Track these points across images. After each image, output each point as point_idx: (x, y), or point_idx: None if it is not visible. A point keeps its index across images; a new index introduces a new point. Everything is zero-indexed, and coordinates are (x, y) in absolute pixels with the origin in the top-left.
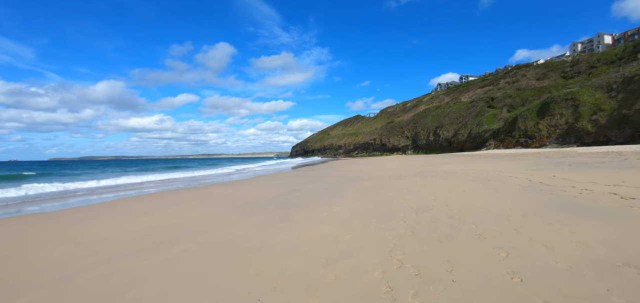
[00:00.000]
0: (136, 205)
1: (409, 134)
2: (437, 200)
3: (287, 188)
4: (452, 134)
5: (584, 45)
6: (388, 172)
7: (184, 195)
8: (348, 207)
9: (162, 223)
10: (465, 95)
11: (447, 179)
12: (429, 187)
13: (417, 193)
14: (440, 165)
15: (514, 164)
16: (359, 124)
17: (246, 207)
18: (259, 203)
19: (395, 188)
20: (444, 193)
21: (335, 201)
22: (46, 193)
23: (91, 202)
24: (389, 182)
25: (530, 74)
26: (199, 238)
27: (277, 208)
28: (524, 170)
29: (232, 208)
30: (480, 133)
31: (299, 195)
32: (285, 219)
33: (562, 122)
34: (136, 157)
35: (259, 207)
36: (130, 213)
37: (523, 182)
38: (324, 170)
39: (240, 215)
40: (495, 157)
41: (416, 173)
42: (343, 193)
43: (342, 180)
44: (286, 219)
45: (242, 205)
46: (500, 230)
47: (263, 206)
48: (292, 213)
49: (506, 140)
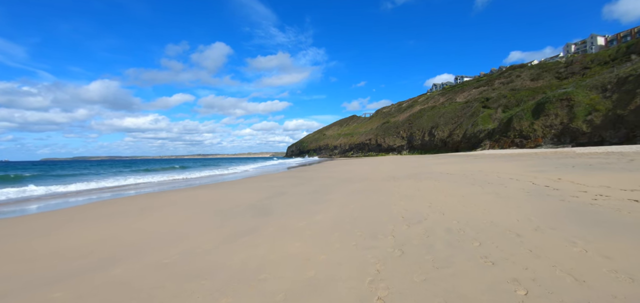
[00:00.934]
0: (100, 211)
1: (405, 134)
2: (433, 207)
3: (273, 191)
4: (447, 134)
5: (577, 46)
6: (381, 173)
7: (160, 200)
8: (331, 215)
9: (117, 234)
10: (460, 95)
11: (443, 181)
12: (423, 190)
13: (410, 198)
14: (435, 165)
15: (512, 165)
16: (354, 124)
17: (221, 214)
18: (236, 210)
19: (387, 192)
20: (440, 198)
21: (319, 207)
22: (9, 199)
23: (50, 207)
24: (381, 185)
25: (524, 75)
26: (146, 257)
27: (254, 215)
28: (525, 172)
29: (205, 215)
30: (476, 133)
31: (282, 200)
32: (255, 230)
33: (557, 123)
34: (130, 157)
35: (234, 215)
36: (84, 221)
37: (526, 185)
38: (316, 171)
39: (209, 224)
40: (491, 157)
41: (410, 175)
42: (330, 197)
43: (332, 182)
44: (257, 230)
45: (217, 212)
46: (511, 250)
47: (239, 213)
48: (267, 223)
49: (501, 141)
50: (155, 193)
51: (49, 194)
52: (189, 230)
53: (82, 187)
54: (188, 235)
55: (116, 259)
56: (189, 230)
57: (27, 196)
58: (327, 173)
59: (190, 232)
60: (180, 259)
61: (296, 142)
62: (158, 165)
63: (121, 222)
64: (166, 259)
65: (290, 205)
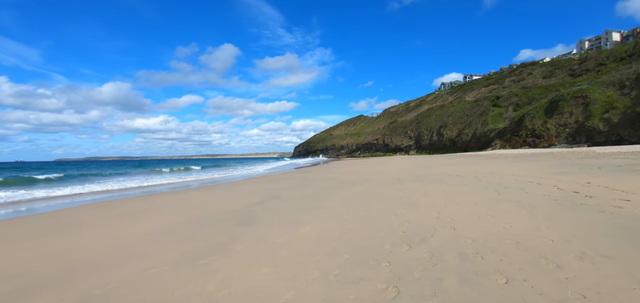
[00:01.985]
0: (62, 220)
1: (412, 133)
2: (441, 219)
3: (267, 195)
4: (456, 134)
5: (591, 42)
6: (386, 174)
7: (141, 204)
8: (320, 228)
9: (62, 251)
10: (469, 94)
11: (453, 185)
12: (430, 195)
13: (415, 206)
14: (444, 166)
15: (529, 166)
16: (361, 124)
17: (198, 223)
18: (217, 218)
19: (389, 198)
20: (450, 206)
21: (309, 216)
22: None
23: (20, 213)
24: (385, 188)
25: (536, 72)
26: (73, 286)
27: (234, 224)
28: (545, 174)
29: (179, 224)
30: (486, 132)
31: (273, 206)
32: (224, 248)
33: (572, 121)
34: (140, 158)
35: (212, 223)
36: (31, 232)
37: (551, 190)
38: (320, 172)
39: (179, 236)
40: (504, 157)
41: (417, 177)
42: (325, 203)
43: (333, 185)
44: (225, 248)
45: (195, 220)
46: (554, 293)
47: (219, 221)
48: (243, 236)
49: (513, 140)
50: (142, 196)
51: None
52: (150, 244)
53: (75, 190)
54: (145, 252)
55: (27, 289)
56: (151, 244)
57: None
58: (330, 174)
59: (150, 247)
60: (115, 289)
61: (303, 142)
62: (166, 165)
63: (73, 236)
64: (98, 289)
65: (278, 213)
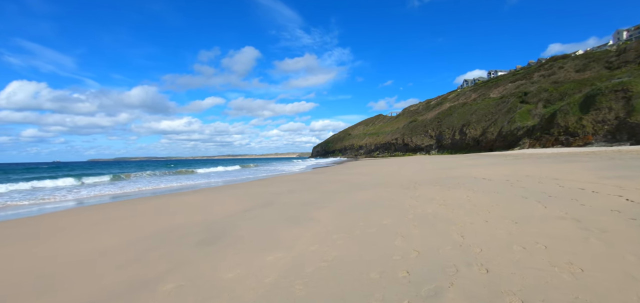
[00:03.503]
0: (24, 230)
1: (433, 133)
2: (466, 248)
3: (259, 201)
4: (480, 133)
5: (631, 32)
6: (402, 176)
7: (118, 211)
8: (293, 255)
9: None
10: (494, 90)
11: (480, 192)
12: (451, 206)
13: (429, 223)
14: (468, 167)
15: (571, 168)
16: (380, 124)
17: (151, 241)
18: (179, 233)
19: (399, 208)
20: (478, 225)
21: (290, 234)
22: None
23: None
24: (396, 194)
25: (568, 66)
26: None
27: (189, 246)
28: (597, 179)
29: (133, 241)
30: (513, 131)
31: (256, 216)
32: (142, 289)
33: (611, 117)
34: (165, 158)
35: (168, 242)
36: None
37: (617, 202)
38: (331, 173)
39: (116, 259)
40: (537, 157)
41: (436, 180)
42: (318, 215)
43: (339, 189)
44: (144, 289)
45: (153, 235)
46: None
47: (176, 239)
48: (182, 267)
49: (543, 139)
50: (124, 202)
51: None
52: (80, 269)
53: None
54: (64, 282)
55: None
56: (82, 269)
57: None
58: (341, 176)
59: (76, 274)
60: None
61: (321, 143)
62: (184, 166)
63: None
64: None
65: (258, 226)
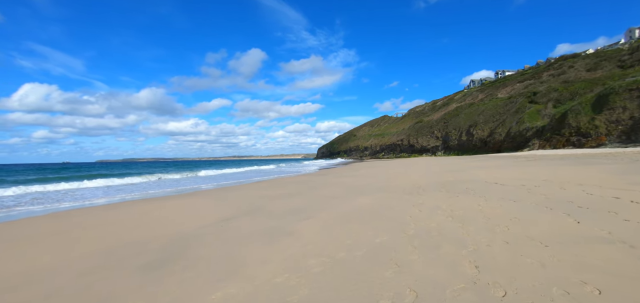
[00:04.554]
0: None
1: (439, 134)
2: (483, 286)
3: (243, 207)
4: (487, 133)
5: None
6: (405, 179)
7: (70, 221)
8: (255, 287)
9: None
10: (502, 90)
11: (493, 199)
12: (460, 219)
13: (434, 243)
14: (476, 170)
15: (592, 172)
16: (385, 125)
17: (89, 260)
18: (129, 251)
19: (398, 221)
20: (496, 248)
21: (261, 254)
22: None
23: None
24: (397, 201)
25: (578, 65)
26: None
27: (130, 271)
28: (630, 186)
29: (68, 261)
30: (522, 131)
31: (231, 228)
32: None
33: (626, 117)
34: (172, 159)
35: (108, 264)
36: None
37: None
38: (332, 175)
39: (25, 292)
40: (550, 159)
41: (442, 184)
42: (301, 228)
43: (335, 194)
44: None
45: (97, 253)
46: None
47: (120, 261)
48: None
49: (554, 140)
50: (93, 209)
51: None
52: None
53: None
54: None
55: None
56: None
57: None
58: (342, 178)
59: None
60: None
61: (327, 144)
62: (201, 167)
63: None
64: None
65: (224, 244)
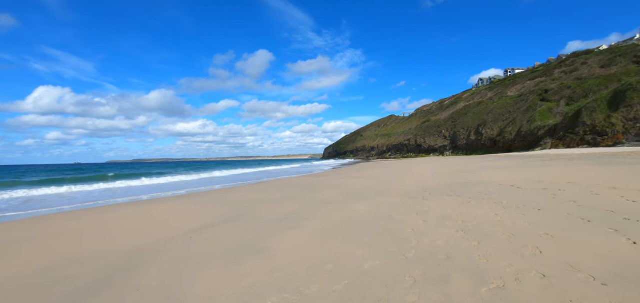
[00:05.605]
0: None
1: (447, 133)
2: None
3: (226, 213)
4: (497, 133)
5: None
6: (410, 182)
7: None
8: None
9: None
10: (511, 88)
11: (512, 206)
12: (474, 234)
13: (441, 274)
14: (487, 170)
15: (620, 173)
16: (392, 124)
17: (15, 281)
18: (66, 273)
19: (396, 235)
20: (531, 288)
21: (218, 282)
22: None
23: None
24: (399, 208)
25: (592, 61)
26: None
27: (69, 294)
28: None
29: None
30: (533, 130)
31: (203, 239)
32: None
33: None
34: (180, 160)
35: (33, 290)
36: None
37: None
38: (332, 177)
39: None
40: (567, 159)
41: (451, 187)
42: (281, 242)
43: (332, 198)
44: None
45: (31, 273)
46: None
47: (49, 284)
48: None
49: (567, 139)
50: (78, 211)
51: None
52: None
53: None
54: None
55: None
56: None
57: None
58: (343, 179)
59: None
60: None
61: (333, 144)
62: (193, 168)
63: None
64: None
65: (180, 265)
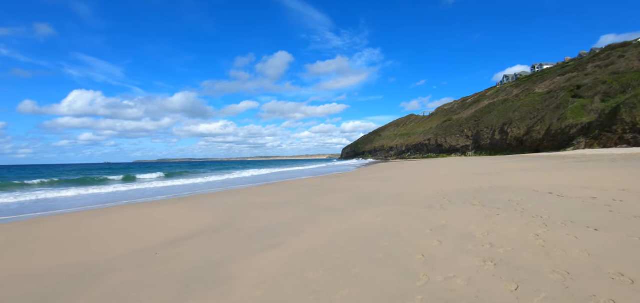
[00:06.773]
0: None
1: (470, 132)
2: None
3: (216, 220)
4: (524, 132)
5: None
6: (428, 186)
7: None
8: None
9: None
10: (539, 85)
11: (555, 222)
12: (509, 267)
13: None
14: (515, 172)
15: None
16: (412, 124)
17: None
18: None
19: (399, 270)
20: None
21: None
22: None
23: None
24: (408, 223)
25: (630, 54)
26: None
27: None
28: None
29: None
30: (564, 129)
31: (171, 256)
32: None
33: None
34: (202, 160)
35: None
36: None
37: None
38: (346, 179)
39: None
40: (607, 160)
41: (474, 192)
42: (247, 269)
43: (337, 203)
44: None
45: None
46: None
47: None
48: None
49: (603, 137)
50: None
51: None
52: None
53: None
54: None
55: None
56: None
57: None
58: (355, 181)
59: None
60: None
61: (351, 144)
62: (213, 168)
63: None
64: None
65: (128, 291)
